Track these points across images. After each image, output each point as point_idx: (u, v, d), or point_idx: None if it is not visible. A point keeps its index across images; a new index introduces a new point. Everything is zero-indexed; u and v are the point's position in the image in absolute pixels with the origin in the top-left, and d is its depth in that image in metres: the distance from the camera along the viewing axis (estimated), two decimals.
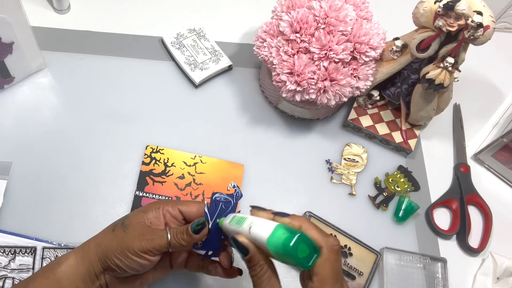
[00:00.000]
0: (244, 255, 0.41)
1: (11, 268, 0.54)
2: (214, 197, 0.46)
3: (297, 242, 0.38)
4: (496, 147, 0.73)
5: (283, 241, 0.38)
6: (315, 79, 0.62)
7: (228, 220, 0.45)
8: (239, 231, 0.42)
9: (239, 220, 0.43)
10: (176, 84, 0.73)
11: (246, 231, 0.41)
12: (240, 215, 0.44)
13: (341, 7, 0.62)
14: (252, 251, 0.41)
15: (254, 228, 0.41)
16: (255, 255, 0.41)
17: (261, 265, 0.41)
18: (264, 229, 0.40)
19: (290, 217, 0.42)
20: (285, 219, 0.42)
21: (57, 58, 0.72)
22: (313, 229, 0.40)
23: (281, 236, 0.38)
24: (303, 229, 0.40)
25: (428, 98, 0.69)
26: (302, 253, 0.38)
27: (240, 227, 0.42)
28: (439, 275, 0.63)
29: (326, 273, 0.39)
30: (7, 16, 0.58)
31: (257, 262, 0.41)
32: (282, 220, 0.42)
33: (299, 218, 0.42)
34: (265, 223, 0.41)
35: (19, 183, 0.61)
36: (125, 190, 0.63)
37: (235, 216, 0.45)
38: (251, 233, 0.41)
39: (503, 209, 0.71)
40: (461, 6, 0.57)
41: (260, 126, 0.72)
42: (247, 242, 0.41)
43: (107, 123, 0.68)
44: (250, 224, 0.42)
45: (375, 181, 0.71)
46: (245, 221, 0.43)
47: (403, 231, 0.67)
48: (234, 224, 0.44)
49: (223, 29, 0.80)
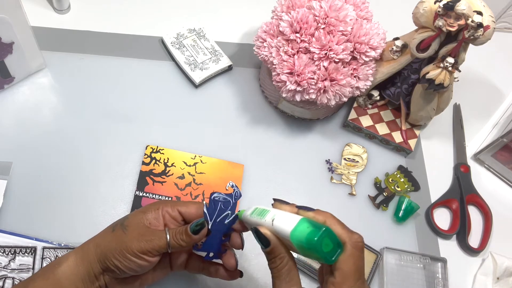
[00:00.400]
0: (265, 247, 0.41)
1: (11, 268, 0.54)
2: (213, 197, 0.46)
3: (322, 237, 0.38)
4: (496, 147, 0.73)
5: (308, 235, 0.38)
6: (315, 79, 0.62)
7: (250, 212, 0.45)
8: (261, 223, 0.42)
9: (261, 212, 0.43)
10: (176, 84, 0.73)
11: (268, 223, 0.41)
12: (262, 207, 0.44)
13: (341, 7, 0.62)
14: (273, 243, 0.41)
15: (277, 221, 0.41)
16: (276, 247, 0.41)
17: (282, 258, 0.41)
18: (287, 222, 0.40)
19: (315, 211, 0.42)
20: (310, 213, 0.42)
21: (57, 58, 0.72)
22: (338, 224, 0.40)
23: (305, 229, 0.38)
24: (327, 224, 0.40)
25: (428, 98, 0.69)
26: (326, 247, 0.38)
27: (263, 219, 0.42)
28: (439, 275, 0.63)
29: (349, 269, 0.38)
30: (7, 16, 0.58)
31: (278, 255, 0.41)
32: (307, 214, 0.42)
33: (324, 213, 0.42)
34: (288, 216, 0.41)
35: (19, 183, 0.61)
36: (125, 190, 0.63)
37: (256, 208, 0.44)
38: (274, 226, 0.41)
39: (503, 209, 0.71)
40: (461, 6, 0.57)
41: (260, 126, 0.72)
42: (270, 234, 0.41)
43: (107, 123, 0.68)
44: (273, 217, 0.41)
45: (375, 181, 0.71)
46: (268, 213, 0.43)
47: (403, 231, 0.67)
48: (255, 216, 0.44)
49: (223, 29, 0.80)
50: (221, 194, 0.47)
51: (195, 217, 0.47)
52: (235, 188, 0.47)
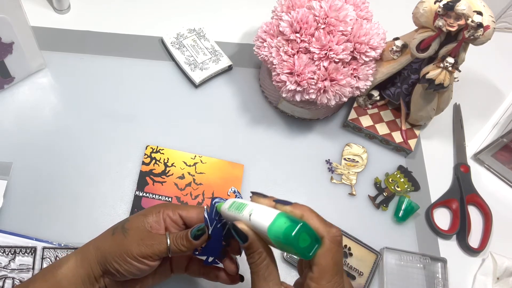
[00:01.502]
0: (242, 242, 0.41)
1: (11, 268, 0.54)
2: (214, 202, 0.46)
3: (299, 232, 0.37)
4: (496, 147, 0.73)
5: (285, 230, 0.37)
6: (315, 79, 0.62)
7: (227, 206, 0.44)
8: (239, 217, 0.41)
9: (238, 206, 0.42)
10: (176, 84, 0.73)
11: (246, 218, 0.41)
12: (240, 201, 0.43)
13: (341, 7, 0.62)
14: (251, 238, 0.40)
15: (254, 216, 0.40)
16: (254, 243, 0.40)
17: (260, 253, 0.40)
18: (265, 217, 0.39)
19: (292, 205, 0.41)
20: (287, 207, 0.41)
21: (57, 58, 0.72)
22: (315, 218, 0.40)
23: (282, 225, 0.38)
24: (305, 218, 0.40)
25: (428, 98, 0.69)
26: (304, 242, 0.37)
27: (240, 213, 0.41)
28: (439, 275, 0.63)
29: (327, 263, 0.38)
30: (7, 16, 0.58)
31: (256, 250, 0.40)
32: (284, 208, 0.41)
33: (301, 207, 0.41)
34: (266, 210, 0.40)
35: (19, 183, 0.61)
36: (125, 190, 0.63)
37: (234, 202, 0.43)
38: (251, 220, 0.40)
39: (503, 209, 0.71)
40: (461, 6, 0.57)
41: (260, 126, 0.72)
42: (247, 229, 0.40)
43: (107, 123, 0.68)
44: (251, 211, 0.41)
45: (375, 181, 0.71)
46: (245, 207, 0.42)
47: (403, 231, 0.67)
48: (233, 210, 0.43)
49: (223, 29, 0.80)
50: (222, 199, 0.46)
51: (196, 222, 0.47)
52: (237, 194, 0.47)
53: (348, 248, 0.63)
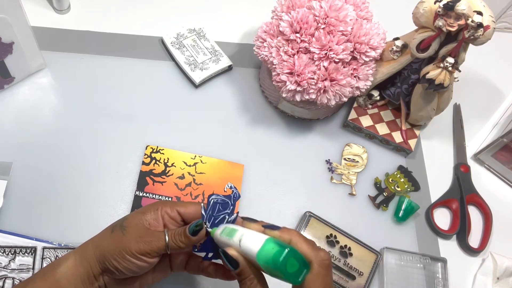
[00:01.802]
0: (234, 269, 0.41)
1: (11, 268, 0.54)
2: (211, 198, 0.46)
3: (286, 257, 0.37)
4: (496, 147, 0.73)
5: (273, 255, 0.37)
6: (315, 79, 0.62)
7: (220, 231, 0.44)
8: (230, 243, 0.42)
9: (230, 232, 0.43)
10: (176, 84, 0.73)
11: (236, 244, 0.41)
12: (231, 227, 0.44)
13: (341, 7, 0.62)
14: (242, 264, 0.40)
15: (244, 241, 0.40)
16: (245, 269, 0.40)
17: (251, 279, 0.40)
18: (254, 243, 0.39)
19: (280, 230, 0.41)
20: (275, 232, 0.41)
21: (57, 58, 0.72)
22: (304, 242, 0.40)
23: (270, 250, 0.38)
24: (293, 242, 0.40)
25: (428, 98, 0.69)
26: (292, 268, 0.37)
27: (231, 239, 0.42)
28: (439, 275, 0.63)
29: None
30: (7, 16, 0.58)
31: (247, 276, 0.41)
32: (272, 233, 0.41)
33: (289, 231, 0.41)
34: (255, 236, 0.41)
35: (19, 183, 0.61)
36: (125, 190, 0.63)
37: (226, 228, 0.44)
38: (241, 246, 0.40)
39: (503, 209, 0.71)
40: (461, 6, 0.57)
41: (260, 126, 0.72)
42: (237, 255, 0.41)
43: (107, 123, 0.68)
44: (241, 237, 0.41)
45: (375, 181, 0.71)
46: (236, 233, 0.42)
47: (403, 231, 0.67)
48: (225, 235, 0.43)
49: (223, 29, 0.80)
50: (219, 196, 0.46)
51: (194, 218, 0.47)
52: (233, 190, 0.47)
53: (348, 248, 0.63)
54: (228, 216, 0.46)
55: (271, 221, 0.61)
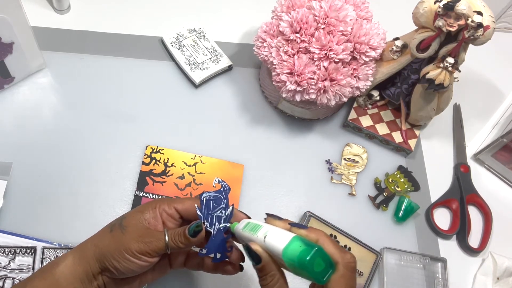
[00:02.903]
0: (256, 263, 0.41)
1: (11, 268, 0.54)
2: (203, 197, 0.46)
3: (314, 256, 0.37)
4: (496, 147, 0.73)
5: (299, 253, 0.38)
6: (315, 79, 0.62)
7: (242, 226, 0.44)
8: (253, 238, 0.42)
9: (253, 227, 0.43)
10: (176, 84, 0.73)
11: (260, 240, 0.41)
12: (255, 222, 0.44)
13: (341, 7, 0.62)
14: (265, 260, 0.40)
15: (269, 238, 0.41)
16: (268, 265, 0.41)
17: (273, 275, 0.41)
18: (280, 240, 0.40)
19: (308, 229, 0.42)
20: (302, 231, 0.41)
21: (57, 58, 0.72)
22: (330, 243, 0.40)
23: (297, 248, 0.38)
24: (320, 243, 0.40)
25: (428, 98, 0.69)
26: (318, 267, 0.38)
27: (255, 234, 0.42)
28: (439, 275, 0.63)
29: None
30: (7, 16, 0.58)
31: (269, 272, 0.41)
32: (299, 231, 0.41)
33: (317, 231, 0.41)
34: (281, 233, 0.41)
35: (19, 183, 0.61)
36: (125, 190, 0.63)
37: (249, 223, 0.44)
38: (266, 242, 0.41)
39: (503, 209, 0.71)
40: (461, 6, 0.57)
41: (260, 126, 0.72)
42: (261, 250, 0.41)
43: (107, 123, 0.68)
44: (265, 233, 0.41)
45: (375, 181, 0.71)
46: (260, 229, 0.42)
47: (403, 231, 0.67)
48: (248, 231, 0.43)
49: (223, 29, 0.80)
50: (210, 192, 0.46)
51: (191, 214, 0.47)
52: (222, 183, 0.47)
53: (348, 248, 0.63)
54: (224, 210, 0.46)
55: None
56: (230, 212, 0.47)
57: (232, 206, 0.47)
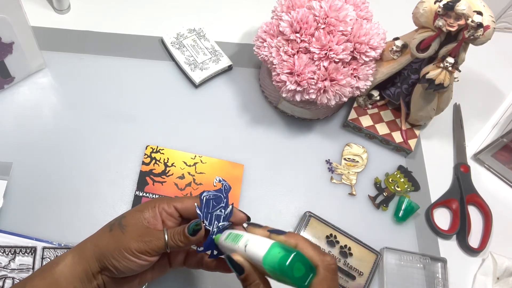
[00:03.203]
0: (239, 274, 0.41)
1: (11, 268, 0.54)
2: (202, 196, 0.46)
3: (293, 261, 0.37)
4: (496, 147, 0.73)
5: (279, 260, 0.37)
6: (315, 79, 0.62)
7: (224, 237, 0.44)
8: (235, 248, 0.42)
9: (234, 237, 0.43)
10: (176, 84, 0.73)
11: (242, 249, 0.41)
12: (236, 232, 0.44)
13: (341, 7, 0.62)
14: (247, 270, 0.40)
15: (249, 246, 0.41)
16: (250, 274, 0.40)
17: (257, 285, 0.41)
18: (259, 247, 0.40)
19: (286, 234, 0.42)
20: (281, 237, 0.41)
21: (57, 58, 0.72)
22: (309, 247, 0.40)
23: (276, 254, 0.38)
24: (299, 247, 0.40)
25: (428, 98, 0.69)
26: (298, 272, 0.37)
27: (236, 244, 0.42)
28: (439, 275, 0.63)
29: None
30: (7, 16, 0.58)
31: (252, 282, 0.41)
32: (278, 238, 0.41)
33: (295, 236, 0.41)
34: (261, 241, 0.41)
35: (19, 183, 0.61)
36: (125, 190, 0.63)
37: (231, 233, 0.44)
38: (246, 251, 0.40)
39: (503, 209, 0.71)
40: (461, 6, 0.57)
41: (260, 126, 0.72)
42: (242, 260, 0.41)
43: (107, 123, 0.68)
44: (246, 242, 0.41)
45: (375, 181, 0.71)
46: (241, 238, 0.42)
47: (403, 231, 0.67)
48: (229, 241, 0.43)
49: (223, 29, 0.80)
50: (210, 191, 0.46)
51: (191, 212, 0.47)
52: (223, 182, 0.47)
53: (348, 248, 0.63)
54: (224, 209, 0.46)
55: (271, 221, 0.62)
56: (229, 211, 0.47)
57: (232, 205, 0.47)
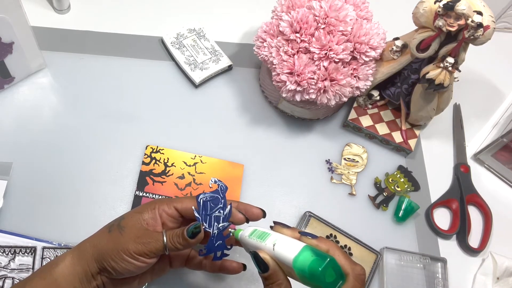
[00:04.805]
0: (262, 272, 0.41)
1: (11, 268, 0.54)
2: (199, 198, 0.46)
3: (326, 267, 0.37)
4: (496, 147, 0.73)
5: (311, 263, 0.38)
6: (315, 79, 0.62)
7: (248, 233, 0.44)
8: (261, 246, 0.42)
9: (261, 234, 0.43)
10: (176, 84, 0.73)
11: (269, 248, 0.41)
12: (262, 230, 0.44)
13: (341, 7, 0.62)
14: (273, 268, 0.41)
15: (278, 246, 0.41)
16: (275, 273, 0.41)
17: (279, 284, 0.41)
18: (290, 249, 0.40)
19: (318, 239, 0.42)
20: (313, 241, 0.41)
21: (57, 58, 0.72)
22: (341, 254, 0.40)
23: (309, 258, 0.38)
24: (330, 253, 0.40)
25: (428, 98, 0.69)
26: (329, 278, 0.38)
27: (263, 242, 0.42)
28: (439, 275, 0.63)
29: None
30: (7, 16, 0.58)
31: (276, 280, 0.41)
32: (310, 241, 0.41)
33: (327, 242, 0.41)
34: (291, 242, 0.41)
35: (19, 183, 0.61)
36: (125, 190, 0.63)
37: (256, 230, 0.44)
38: (275, 251, 0.41)
39: (503, 209, 0.71)
40: (461, 6, 0.57)
41: (260, 126, 0.72)
42: (269, 259, 0.41)
43: (107, 123, 0.68)
44: (274, 241, 0.41)
45: (375, 181, 0.71)
46: (268, 237, 0.42)
47: (403, 231, 0.67)
48: (255, 238, 0.43)
49: (223, 29, 0.80)
50: (206, 193, 0.46)
51: (191, 212, 0.47)
52: (218, 183, 0.47)
53: (348, 248, 0.63)
54: (222, 210, 0.46)
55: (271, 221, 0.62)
56: (228, 212, 0.47)
57: (230, 205, 0.47)
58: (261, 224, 0.49)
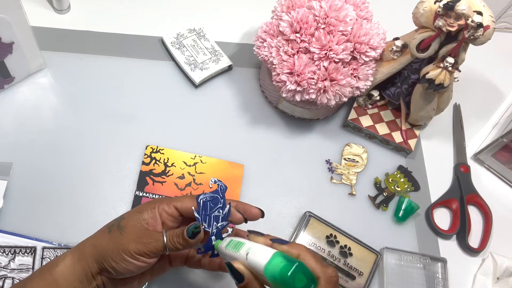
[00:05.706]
0: (238, 282, 0.41)
1: (11, 268, 0.54)
2: (199, 199, 0.46)
3: (295, 272, 0.37)
4: (496, 147, 0.73)
5: (281, 269, 0.37)
6: (315, 79, 0.62)
7: (225, 244, 0.44)
8: (236, 256, 0.42)
9: (236, 244, 0.43)
10: (176, 84, 0.73)
11: (243, 257, 0.41)
12: (237, 240, 0.44)
13: (341, 7, 0.62)
14: (247, 278, 0.40)
15: (251, 255, 0.40)
16: (250, 283, 0.40)
17: None
18: (261, 256, 0.39)
19: (289, 244, 0.41)
20: (284, 247, 0.41)
21: (57, 58, 0.72)
22: (312, 258, 0.40)
23: (278, 264, 0.38)
24: (301, 258, 0.40)
25: (428, 98, 0.69)
26: (300, 283, 0.37)
27: (237, 252, 0.42)
28: (439, 275, 0.63)
29: None
30: (7, 16, 0.58)
31: None
32: (281, 247, 0.41)
33: (298, 246, 0.41)
34: (263, 249, 0.41)
35: (19, 183, 0.61)
36: (125, 190, 0.63)
37: (232, 241, 0.44)
38: (248, 260, 0.40)
39: (503, 209, 0.71)
40: (461, 6, 0.57)
41: (260, 126, 0.72)
42: (243, 268, 0.41)
43: (107, 123, 0.68)
44: (248, 250, 0.41)
45: (375, 181, 0.71)
46: (243, 246, 0.42)
47: (403, 231, 0.67)
48: (230, 248, 0.43)
49: (223, 29, 0.80)
50: (206, 194, 0.46)
51: (191, 211, 0.47)
52: (218, 183, 0.47)
53: (348, 248, 0.63)
54: (222, 209, 0.46)
55: (271, 221, 0.62)
56: (227, 211, 0.47)
57: (229, 204, 0.47)
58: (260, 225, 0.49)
